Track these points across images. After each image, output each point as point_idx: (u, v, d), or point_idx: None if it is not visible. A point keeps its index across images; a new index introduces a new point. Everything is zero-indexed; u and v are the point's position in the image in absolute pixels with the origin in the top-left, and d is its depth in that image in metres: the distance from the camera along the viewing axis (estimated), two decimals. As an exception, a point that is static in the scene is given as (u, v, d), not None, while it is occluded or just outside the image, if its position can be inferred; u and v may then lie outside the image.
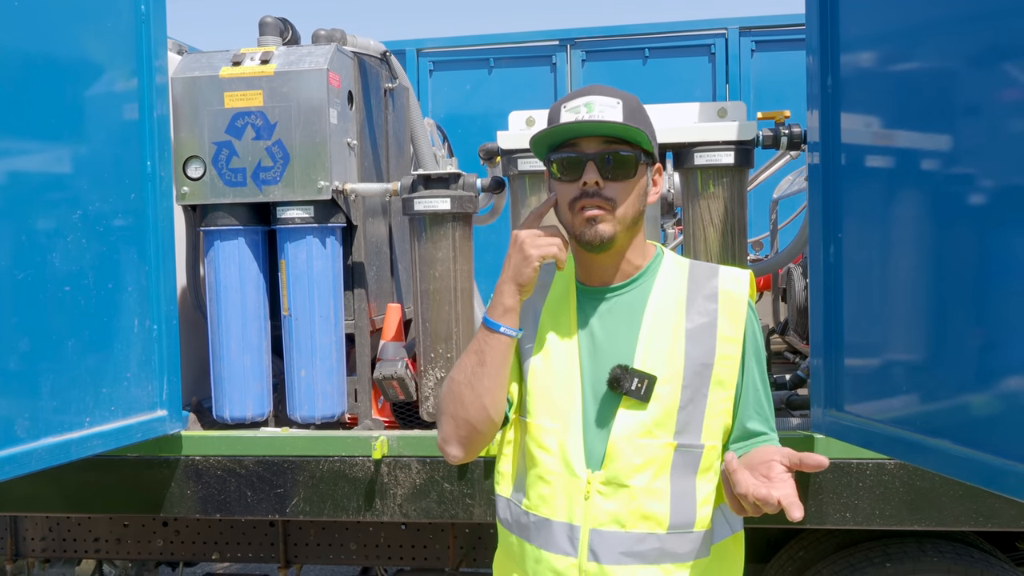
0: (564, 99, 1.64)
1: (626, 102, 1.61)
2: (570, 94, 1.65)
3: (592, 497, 1.58)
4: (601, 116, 1.57)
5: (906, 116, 2.19)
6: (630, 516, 1.57)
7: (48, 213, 2.40)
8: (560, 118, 1.60)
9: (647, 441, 1.57)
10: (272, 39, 3.12)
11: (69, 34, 2.48)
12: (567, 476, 1.59)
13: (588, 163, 1.57)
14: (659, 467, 1.58)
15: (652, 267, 1.68)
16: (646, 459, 1.57)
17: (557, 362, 1.64)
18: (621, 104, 1.60)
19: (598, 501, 1.57)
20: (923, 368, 2.16)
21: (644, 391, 1.57)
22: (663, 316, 1.62)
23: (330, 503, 2.84)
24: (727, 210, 2.80)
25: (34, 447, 2.31)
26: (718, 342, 1.61)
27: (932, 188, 2.09)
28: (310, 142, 2.87)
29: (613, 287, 1.66)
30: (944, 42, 2.05)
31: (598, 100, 1.59)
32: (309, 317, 2.95)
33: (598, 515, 1.57)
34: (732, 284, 1.65)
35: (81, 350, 2.48)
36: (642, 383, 1.57)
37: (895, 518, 2.59)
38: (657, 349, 1.60)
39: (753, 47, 6.08)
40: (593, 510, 1.58)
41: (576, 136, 1.59)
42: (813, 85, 2.46)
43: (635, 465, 1.57)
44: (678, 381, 1.59)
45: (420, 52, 6.37)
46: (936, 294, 2.09)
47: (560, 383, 1.63)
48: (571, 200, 1.59)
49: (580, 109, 1.59)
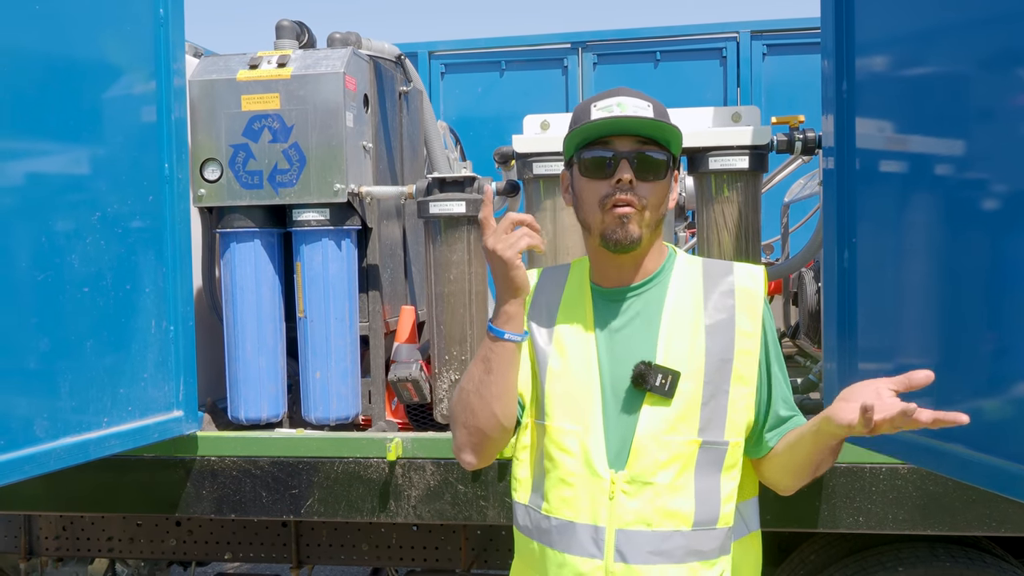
0: (593, 99, 1.65)
1: (655, 106, 1.64)
2: (599, 94, 1.65)
3: (617, 497, 1.57)
4: (636, 115, 1.57)
5: (921, 120, 2.20)
6: (656, 514, 1.57)
7: (68, 215, 2.43)
8: (592, 115, 1.61)
9: (672, 438, 1.58)
10: (289, 42, 3.15)
11: (88, 37, 2.51)
12: (590, 477, 1.59)
13: (622, 161, 1.57)
14: (684, 464, 1.58)
15: (667, 266, 1.69)
16: (671, 456, 1.58)
17: (575, 364, 1.64)
18: (652, 107, 1.62)
19: (623, 500, 1.57)
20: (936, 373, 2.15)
21: (669, 386, 1.57)
22: (682, 313, 1.63)
23: (345, 504, 2.86)
24: (741, 214, 2.81)
25: (53, 447, 2.34)
26: (736, 337, 1.62)
27: (947, 193, 2.10)
28: (326, 145, 2.89)
29: (631, 287, 1.66)
30: (959, 46, 2.05)
31: (629, 101, 1.60)
32: (324, 319, 2.97)
33: (624, 515, 1.57)
34: (748, 280, 1.67)
35: (99, 351, 2.50)
36: (666, 379, 1.57)
37: (908, 522, 2.59)
38: (678, 345, 1.61)
39: (764, 51, 6.08)
40: (618, 510, 1.58)
41: (611, 134, 1.59)
42: (828, 89, 2.47)
43: (660, 462, 1.57)
44: (700, 377, 1.60)
45: (432, 54, 6.39)
46: (950, 299, 2.09)
47: (579, 385, 1.63)
48: (601, 198, 1.59)
49: (613, 108, 1.59)
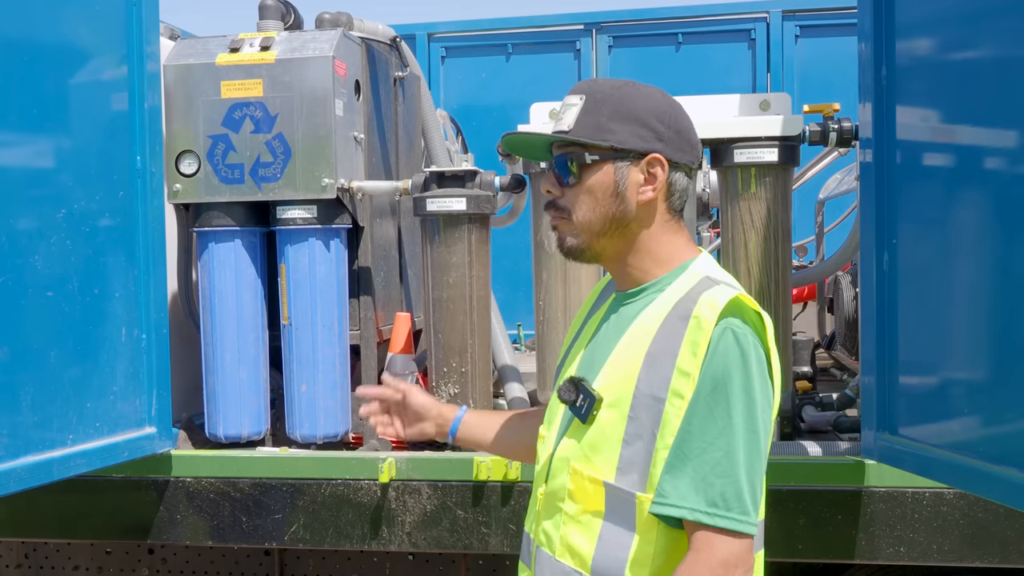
0: None
1: (590, 95, 1.57)
2: None
3: (539, 513, 1.65)
4: (561, 119, 1.61)
5: (968, 109, 2.18)
6: (559, 543, 1.59)
7: (29, 212, 2.43)
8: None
9: (582, 469, 1.55)
10: (273, 23, 3.15)
11: (53, 18, 2.51)
12: (536, 487, 1.69)
13: (548, 171, 1.66)
14: (591, 502, 1.53)
15: (667, 278, 1.59)
16: (577, 487, 1.56)
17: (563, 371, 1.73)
18: (583, 101, 1.58)
19: (542, 518, 1.64)
20: (986, 388, 2.14)
21: (585, 410, 1.54)
22: (638, 334, 1.54)
23: (332, 531, 2.85)
24: (770, 212, 2.80)
25: (12, 466, 2.33)
26: (674, 376, 1.45)
27: (997, 189, 2.09)
28: (313, 136, 2.89)
29: (625, 294, 1.65)
30: (1011, 27, 2.04)
31: (567, 100, 1.62)
32: (311, 327, 2.96)
33: (540, 533, 1.64)
34: (706, 308, 1.46)
35: (64, 361, 2.50)
36: (585, 401, 1.55)
37: (954, 554, 2.57)
38: (616, 369, 1.54)
39: (798, 32, 6.07)
40: (539, 526, 1.64)
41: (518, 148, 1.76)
42: (866, 75, 2.46)
43: (568, 490, 1.58)
44: (624, 409, 1.49)
45: (432, 37, 6.39)
46: (1001, 306, 2.08)
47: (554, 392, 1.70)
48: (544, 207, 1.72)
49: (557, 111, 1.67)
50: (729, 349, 1.43)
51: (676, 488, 1.42)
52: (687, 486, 1.41)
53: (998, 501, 2.20)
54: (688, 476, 1.41)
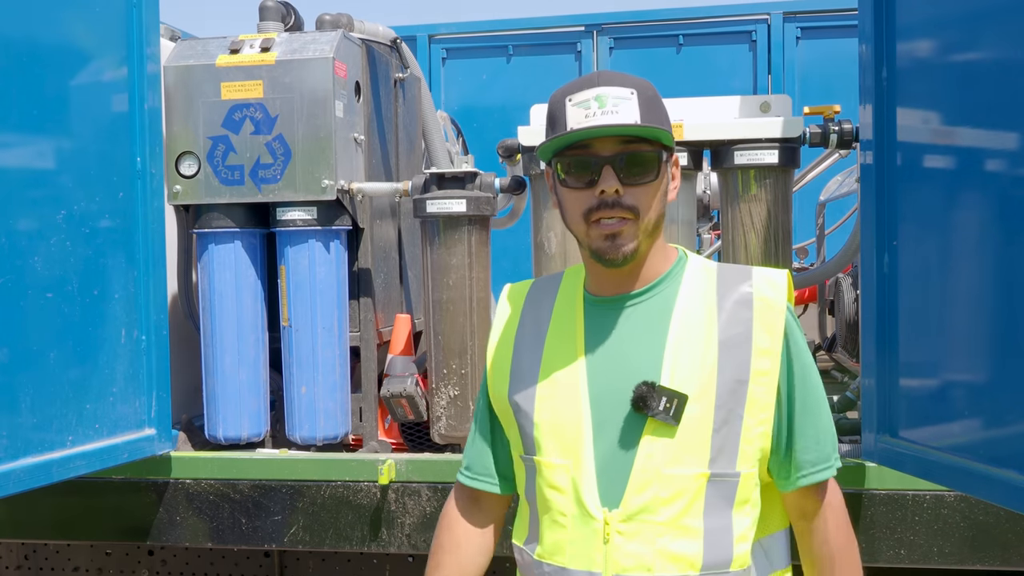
0: (568, 90, 1.55)
1: (640, 91, 1.52)
2: (574, 83, 1.55)
3: (612, 540, 1.51)
4: (615, 111, 1.49)
5: (969, 111, 2.18)
6: (658, 558, 1.50)
7: (29, 213, 2.43)
8: (567, 115, 1.52)
9: (676, 471, 1.51)
10: (273, 25, 3.15)
11: (53, 18, 2.51)
12: (581, 517, 1.53)
13: (604, 167, 1.50)
14: (690, 500, 1.51)
15: (675, 271, 1.61)
16: (674, 492, 1.51)
17: (561, 389, 1.58)
18: (636, 95, 1.51)
19: (619, 543, 1.51)
20: (987, 390, 2.14)
21: (674, 412, 1.49)
22: (692, 325, 1.55)
23: (332, 532, 2.85)
24: (770, 214, 2.80)
25: (12, 468, 2.33)
26: (753, 356, 1.53)
27: (998, 191, 2.08)
28: (314, 137, 2.89)
29: (630, 295, 1.59)
30: (1012, 28, 2.04)
31: (609, 92, 1.50)
32: (311, 328, 2.96)
33: (621, 560, 1.51)
34: (768, 289, 1.57)
35: (63, 362, 2.50)
36: (671, 403, 1.49)
37: (955, 556, 2.57)
38: (686, 363, 1.52)
39: (799, 34, 6.07)
40: (615, 554, 1.51)
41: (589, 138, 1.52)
42: (866, 77, 2.46)
43: (662, 499, 1.50)
44: (711, 400, 1.51)
45: (432, 38, 6.40)
46: (1002, 308, 2.08)
47: (566, 412, 1.56)
48: (585, 211, 1.52)
49: (590, 104, 1.50)
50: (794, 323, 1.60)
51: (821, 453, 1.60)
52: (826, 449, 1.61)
53: (999, 504, 2.20)
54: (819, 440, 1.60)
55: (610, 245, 1.51)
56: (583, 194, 1.52)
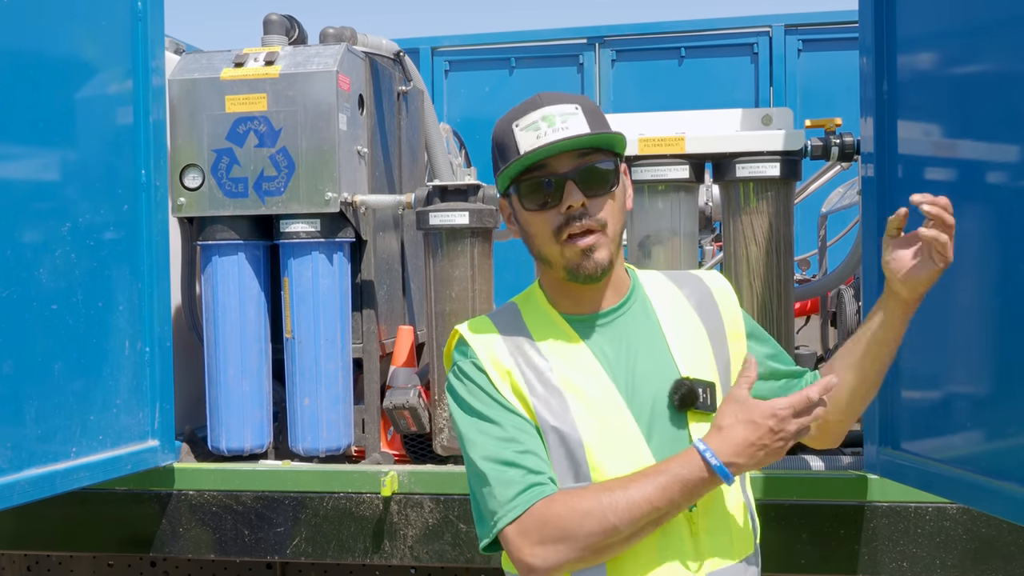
0: (511, 117, 1.56)
1: (583, 105, 1.54)
2: (516, 109, 1.56)
3: (699, 535, 1.53)
4: (565, 127, 1.50)
5: (970, 123, 2.19)
6: (735, 541, 1.56)
7: (35, 225, 2.44)
8: (517, 140, 1.52)
9: None
10: (277, 38, 3.16)
11: (60, 32, 2.53)
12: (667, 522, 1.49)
13: (566, 183, 1.50)
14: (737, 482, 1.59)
15: (635, 280, 1.67)
16: None
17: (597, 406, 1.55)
18: (580, 109, 1.53)
19: (705, 539, 1.53)
20: (989, 402, 2.14)
21: (711, 400, 1.56)
22: (679, 324, 1.64)
23: (335, 544, 2.85)
24: (772, 226, 2.81)
25: (16, 479, 2.33)
26: (728, 340, 1.67)
27: (999, 203, 2.09)
28: (317, 150, 2.90)
29: (616, 307, 1.62)
30: (1012, 42, 2.05)
31: (556, 111, 1.51)
32: (314, 340, 2.97)
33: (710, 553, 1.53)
34: (718, 281, 1.73)
35: (68, 374, 2.50)
36: (707, 392, 1.57)
37: (957, 568, 2.57)
38: (693, 357, 1.61)
39: (800, 47, 6.08)
40: (703, 549, 1.52)
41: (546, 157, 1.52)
42: (867, 89, 2.46)
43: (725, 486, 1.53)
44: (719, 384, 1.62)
45: (435, 51, 6.41)
46: (1004, 320, 2.08)
47: (612, 425, 1.54)
48: (554, 229, 1.52)
49: (539, 125, 1.51)
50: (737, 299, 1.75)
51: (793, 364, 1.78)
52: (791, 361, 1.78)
53: (1001, 516, 2.20)
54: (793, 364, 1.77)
55: (587, 260, 1.52)
56: (548, 214, 1.53)
